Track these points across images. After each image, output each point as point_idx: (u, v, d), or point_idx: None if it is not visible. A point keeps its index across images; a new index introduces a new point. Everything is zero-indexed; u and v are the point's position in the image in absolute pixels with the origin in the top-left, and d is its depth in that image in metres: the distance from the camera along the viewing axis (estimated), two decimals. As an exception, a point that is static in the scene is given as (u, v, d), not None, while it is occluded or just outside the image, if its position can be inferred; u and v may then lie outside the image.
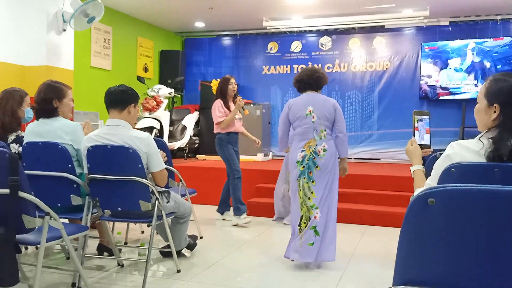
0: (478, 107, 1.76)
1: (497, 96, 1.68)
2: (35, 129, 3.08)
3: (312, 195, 3.32)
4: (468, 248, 0.82)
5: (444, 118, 7.29)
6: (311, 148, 3.33)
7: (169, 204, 3.07)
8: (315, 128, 3.34)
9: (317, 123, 3.34)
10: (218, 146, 4.74)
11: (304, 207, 3.33)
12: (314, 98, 3.39)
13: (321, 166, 3.32)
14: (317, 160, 3.31)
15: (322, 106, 3.35)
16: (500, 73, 1.77)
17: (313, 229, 3.29)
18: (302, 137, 3.38)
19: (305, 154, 3.35)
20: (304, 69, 3.53)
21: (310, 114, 3.35)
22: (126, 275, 3.14)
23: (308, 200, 3.32)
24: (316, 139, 3.34)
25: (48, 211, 2.24)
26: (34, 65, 5.36)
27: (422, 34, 7.62)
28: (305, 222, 3.32)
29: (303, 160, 3.35)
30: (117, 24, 7.45)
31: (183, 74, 8.51)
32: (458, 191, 0.81)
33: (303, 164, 3.35)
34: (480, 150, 1.59)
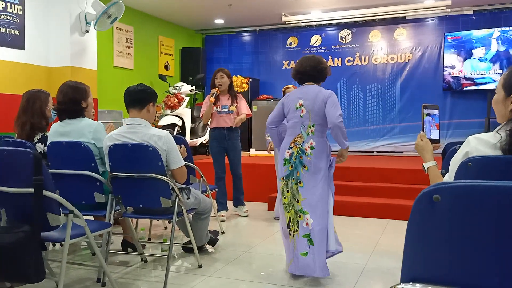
0: (496, 98, 1.72)
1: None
2: (59, 129, 3.16)
3: (300, 197, 2.95)
4: (475, 245, 0.82)
5: (469, 109, 7.14)
6: (298, 145, 3.00)
7: (190, 200, 3.12)
8: (303, 123, 3.01)
9: (305, 118, 3.00)
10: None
11: (292, 210, 2.99)
12: (308, 90, 3.04)
13: (308, 166, 2.95)
14: (304, 159, 2.96)
15: (313, 99, 2.98)
16: None
17: (307, 237, 2.92)
18: (291, 132, 3.07)
19: (292, 152, 3.02)
20: (306, 59, 3.11)
21: (300, 107, 3.03)
22: (150, 271, 3.21)
23: (296, 203, 2.96)
24: (303, 135, 3.00)
25: (71, 208, 2.30)
26: (59, 66, 5.50)
27: (444, 24, 7.45)
28: (293, 226, 2.98)
29: (291, 158, 3.02)
30: (139, 23, 7.56)
31: (204, 71, 8.57)
32: (464, 187, 0.81)
33: (291, 163, 3.01)
34: (497, 143, 1.56)
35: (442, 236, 0.84)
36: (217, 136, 4.67)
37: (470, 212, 0.81)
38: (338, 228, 4.35)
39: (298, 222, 2.95)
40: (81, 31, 5.59)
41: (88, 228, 2.42)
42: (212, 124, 4.70)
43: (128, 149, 2.82)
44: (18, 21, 5.16)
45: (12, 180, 2.28)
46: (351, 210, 4.98)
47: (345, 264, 3.32)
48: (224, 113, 4.63)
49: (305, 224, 2.92)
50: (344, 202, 4.96)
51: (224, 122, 4.65)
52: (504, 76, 1.70)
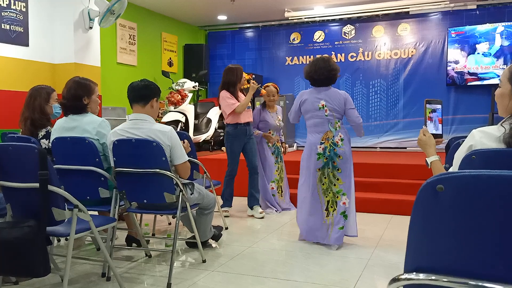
0: (502, 91, 1.71)
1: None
2: (63, 125, 3.18)
3: (339, 181, 3.57)
4: (479, 235, 0.82)
5: (473, 105, 7.12)
6: (329, 140, 3.56)
7: (193, 195, 3.13)
8: (330, 121, 3.56)
9: (330, 116, 3.55)
10: (225, 140, 4.68)
11: (330, 193, 3.57)
12: (327, 92, 3.56)
13: (342, 155, 3.56)
14: (338, 150, 3.55)
15: (334, 100, 3.54)
16: None
17: (342, 214, 3.55)
18: (317, 129, 3.59)
19: (325, 147, 3.56)
20: (318, 64, 3.55)
21: (323, 108, 3.55)
22: (154, 265, 3.23)
23: (334, 186, 3.56)
24: (332, 131, 3.57)
25: (76, 203, 2.32)
26: (63, 62, 5.52)
27: (448, 19, 7.42)
28: (332, 207, 3.56)
29: (325, 152, 3.56)
30: (142, 20, 7.57)
31: (207, 68, 8.58)
32: (467, 177, 0.81)
33: (326, 156, 3.56)
34: (501, 136, 1.56)
35: (446, 226, 0.85)
36: (239, 133, 4.57)
37: (474, 202, 0.81)
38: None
39: (336, 202, 3.56)
40: (85, 28, 5.60)
41: (93, 223, 2.43)
42: (233, 120, 4.55)
43: (132, 144, 2.83)
44: (21, 18, 5.18)
45: (18, 175, 2.30)
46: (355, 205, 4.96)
47: (349, 258, 3.33)
48: (247, 108, 4.62)
49: (342, 203, 3.56)
50: (348, 198, 4.96)
51: (248, 117, 4.63)
52: (510, 70, 1.69)
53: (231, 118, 4.56)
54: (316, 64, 3.56)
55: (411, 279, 0.90)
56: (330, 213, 3.57)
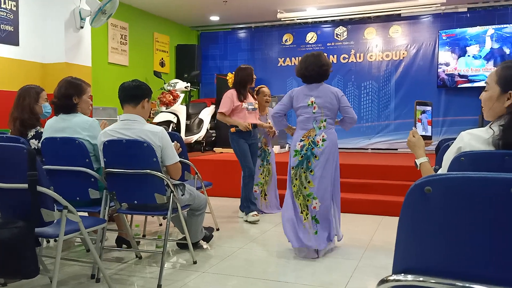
0: (490, 94, 1.71)
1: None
2: (53, 125, 3.16)
3: (309, 184, 3.36)
4: (467, 236, 0.83)
5: (463, 107, 7.18)
6: (310, 138, 3.39)
7: (184, 196, 3.12)
8: (315, 119, 3.40)
9: (317, 113, 3.39)
10: (230, 140, 4.57)
11: (300, 196, 3.39)
12: (318, 88, 3.42)
13: (319, 156, 3.36)
14: (316, 150, 3.37)
15: (324, 97, 3.39)
16: (510, 60, 1.74)
17: (314, 218, 3.38)
18: (303, 126, 3.44)
19: (303, 144, 3.41)
20: (308, 60, 3.41)
21: (311, 104, 3.40)
22: (144, 267, 3.21)
23: (304, 189, 3.38)
24: (315, 129, 3.40)
25: (65, 204, 2.30)
26: (53, 62, 5.48)
27: (439, 21, 7.48)
28: (305, 210, 3.40)
29: (302, 150, 3.40)
30: (133, 20, 7.53)
31: (199, 68, 8.56)
32: (455, 179, 0.82)
33: (302, 154, 3.40)
34: (489, 138, 1.57)
35: (434, 227, 0.85)
36: (244, 134, 4.46)
37: (462, 204, 0.82)
38: (333, 225, 4.37)
39: (307, 206, 3.38)
40: (76, 27, 5.56)
41: (82, 224, 2.41)
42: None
43: (123, 145, 2.81)
44: (12, 17, 5.13)
45: (6, 176, 2.27)
46: (346, 207, 4.98)
47: (339, 259, 3.34)
48: (251, 110, 4.53)
49: (313, 207, 3.36)
50: (339, 199, 4.97)
51: (251, 119, 4.52)
52: (498, 73, 1.70)
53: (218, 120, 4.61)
54: (306, 60, 3.42)
55: (399, 280, 0.90)
56: (304, 217, 3.40)
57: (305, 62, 3.42)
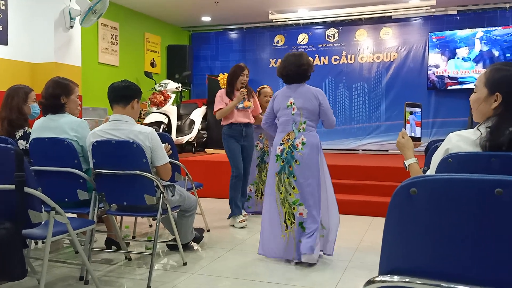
0: (478, 96, 1.73)
1: (499, 85, 1.66)
2: (42, 125, 3.13)
3: (294, 190, 3.19)
4: (451, 237, 0.83)
5: (453, 108, 7.24)
6: (289, 141, 3.23)
7: (174, 197, 3.11)
8: (294, 120, 3.24)
9: (296, 115, 3.23)
10: (222, 140, 4.48)
11: (286, 203, 3.23)
12: (297, 89, 3.26)
13: (300, 161, 3.18)
14: (296, 154, 3.19)
15: (304, 98, 3.22)
16: (499, 62, 1.76)
17: (300, 225, 3.19)
18: (282, 128, 3.29)
19: (283, 148, 3.25)
20: (288, 60, 3.27)
21: (290, 106, 3.25)
22: (134, 268, 3.19)
23: (289, 196, 3.21)
24: (294, 132, 3.23)
25: (53, 206, 2.28)
26: (42, 62, 5.43)
27: (429, 23, 7.54)
28: (290, 219, 3.22)
29: (282, 154, 3.25)
30: (124, 20, 7.49)
31: (191, 69, 8.54)
32: (440, 181, 0.82)
33: (283, 159, 3.24)
34: (477, 140, 1.58)
35: (419, 228, 0.86)
36: (234, 133, 4.37)
37: (446, 205, 0.82)
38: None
39: (293, 214, 3.22)
40: (66, 27, 5.52)
41: (70, 225, 2.39)
42: (227, 120, 4.39)
43: (112, 145, 2.79)
44: (1, 16, 5.08)
45: (-7, 177, 2.24)
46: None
47: (330, 260, 3.35)
48: (241, 108, 4.39)
49: (299, 214, 3.21)
50: (330, 200, 4.99)
51: (242, 118, 4.39)
52: (486, 75, 1.71)
53: (224, 119, 4.41)
54: (286, 60, 3.28)
55: (385, 281, 0.90)
56: (288, 226, 3.22)
57: (285, 61, 3.29)
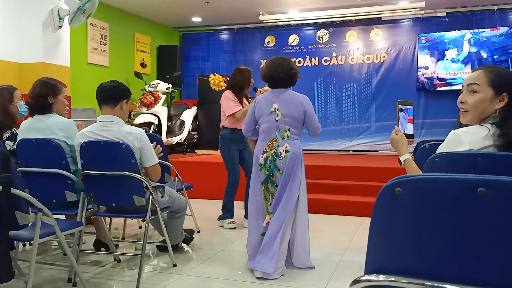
0: (483, 96, 1.69)
1: (506, 86, 1.67)
2: (29, 126, 3.10)
3: (271, 199, 3.09)
4: (434, 236, 0.84)
5: (442, 109, 7.30)
6: (273, 149, 3.08)
7: (164, 198, 3.09)
8: (278, 127, 3.08)
9: (280, 122, 3.08)
10: (220, 144, 4.31)
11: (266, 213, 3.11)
12: (282, 95, 3.11)
13: (283, 170, 3.05)
14: (278, 162, 3.05)
15: (289, 104, 3.08)
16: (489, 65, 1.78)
17: (263, 235, 3.07)
18: (265, 136, 3.13)
19: (267, 156, 3.10)
20: (278, 62, 3.13)
21: (274, 112, 3.09)
22: (123, 270, 3.17)
23: (269, 205, 3.10)
24: (278, 139, 3.08)
25: (40, 207, 2.25)
26: (31, 62, 5.37)
27: (418, 25, 7.59)
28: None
29: (266, 162, 3.10)
30: (114, 20, 7.45)
31: (181, 69, 8.51)
32: (423, 180, 0.83)
33: (267, 167, 3.10)
34: (487, 135, 1.59)
35: (404, 228, 0.86)
36: (235, 138, 4.22)
37: (430, 205, 0.83)
38: (315, 226, 4.39)
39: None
40: (54, 27, 5.47)
41: (58, 227, 2.37)
42: (232, 124, 4.22)
43: (101, 146, 2.77)
44: (-13, 16, 5.02)
45: (-22, 178, 2.21)
46: (327, 208, 5.03)
47: (320, 260, 3.35)
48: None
49: (265, 223, 3.08)
50: (320, 200, 5.01)
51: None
52: (490, 77, 1.69)
53: (229, 122, 4.22)
54: (275, 63, 3.13)
55: (371, 280, 0.91)
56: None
57: (274, 64, 3.13)
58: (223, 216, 4.42)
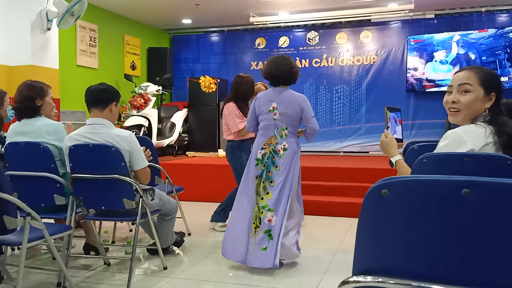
0: (475, 96, 1.71)
1: (494, 85, 1.73)
2: (17, 129, 3.07)
3: (267, 196, 3.14)
4: (420, 238, 0.85)
5: (431, 110, 7.36)
6: (271, 146, 3.20)
7: (154, 201, 3.08)
8: (276, 126, 3.20)
9: (278, 120, 3.19)
10: (229, 154, 4.23)
11: (256, 206, 3.16)
12: (281, 94, 3.22)
13: (280, 167, 3.16)
14: (276, 159, 3.17)
15: (287, 103, 3.18)
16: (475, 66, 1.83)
17: (267, 233, 3.10)
18: (264, 132, 3.25)
19: (265, 152, 3.20)
20: (279, 61, 3.22)
21: (273, 110, 3.20)
22: (113, 274, 3.15)
23: (260, 200, 3.15)
24: (276, 137, 3.20)
25: (29, 211, 2.23)
26: (19, 64, 5.33)
27: (407, 27, 7.66)
28: (255, 223, 3.14)
29: (263, 158, 3.20)
30: (103, 22, 7.41)
31: (171, 71, 8.49)
32: (409, 182, 0.83)
33: (264, 163, 3.20)
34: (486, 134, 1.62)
35: (390, 229, 0.87)
36: (245, 147, 4.17)
37: (416, 206, 0.84)
38: (306, 227, 4.40)
39: (260, 218, 3.13)
40: (43, 29, 5.43)
41: (46, 231, 2.34)
42: (237, 138, 4.17)
43: (90, 149, 2.76)
44: (-26, 18, 4.97)
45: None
46: (318, 209, 5.04)
47: (311, 261, 3.36)
48: None
49: (267, 221, 3.11)
50: (312, 201, 5.02)
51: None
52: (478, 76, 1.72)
53: (234, 136, 4.17)
54: (276, 62, 3.23)
55: (359, 281, 0.91)
56: (252, 230, 3.14)
57: (275, 63, 3.23)
58: (218, 218, 4.36)
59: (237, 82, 4.28)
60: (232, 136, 4.19)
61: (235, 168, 4.21)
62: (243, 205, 3.22)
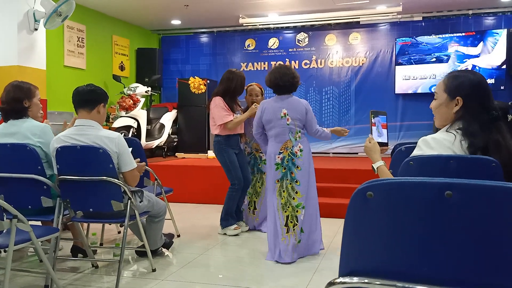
0: (439, 102, 1.81)
1: (459, 90, 1.75)
2: (3, 131, 3.03)
3: (297, 194, 3.44)
4: (404, 239, 0.86)
5: (419, 112, 7.41)
6: (288, 149, 3.46)
7: (143, 203, 3.07)
8: (291, 130, 3.47)
9: (292, 125, 3.46)
10: (216, 151, 4.21)
11: (290, 207, 3.44)
12: (289, 100, 3.50)
13: (301, 166, 3.46)
14: (296, 161, 3.45)
15: (295, 109, 3.47)
16: (455, 70, 1.85)
17: (300, 228, 3.44)
18: (278, 139, 3.49)
19: (283, 156, 3.46)
20: (282, 71, 3.48)
21: (284, 116, 3.46)
22: (101, 276, 3.13)
23: (292, 200, 3.43)
24: (292, 141, 3.47)
25: (15, 213, 2.21)
26: (5, 65, 5.26)
27: (396, 29, 7.72)
28: (292, 222, 3.43)
29: (283, 162, 3.46)
30: (91, 22, 7.35)
31: (160, 72, 8.45)
32: (394, 184, 0.85)
33: (284, 166, 3.46)
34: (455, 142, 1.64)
35: (376, 230, 0.88)
36: (231, 143, 4.18)
37: (401, 208, 0.85)
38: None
39: (297, 216, 3.43)
40: (30, 29, 5.37)
41: (33, 233, 2.32)
42: (223, 132, 4.14)
43: (77, 151, 2.74)
44: (-40, 18, 4.90)
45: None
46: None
47: (300, 263, 3.37)
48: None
49: (302, 217, 3.44)
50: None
51: (240, 129, 4.24)
52: (445, 82, 1.80)
53: (221, 130, 4.14)
54: (280, 71, 3.48)
55: (345, 282, 0.92)
56: (290, 229, 3.40)
57: (279, 72, 3.48)
58: (228, 224, 4.21)
59: (228, 77, 4.22)
60: (218, 130, 4.15)
61: (225, 165, 4.18)
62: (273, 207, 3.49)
